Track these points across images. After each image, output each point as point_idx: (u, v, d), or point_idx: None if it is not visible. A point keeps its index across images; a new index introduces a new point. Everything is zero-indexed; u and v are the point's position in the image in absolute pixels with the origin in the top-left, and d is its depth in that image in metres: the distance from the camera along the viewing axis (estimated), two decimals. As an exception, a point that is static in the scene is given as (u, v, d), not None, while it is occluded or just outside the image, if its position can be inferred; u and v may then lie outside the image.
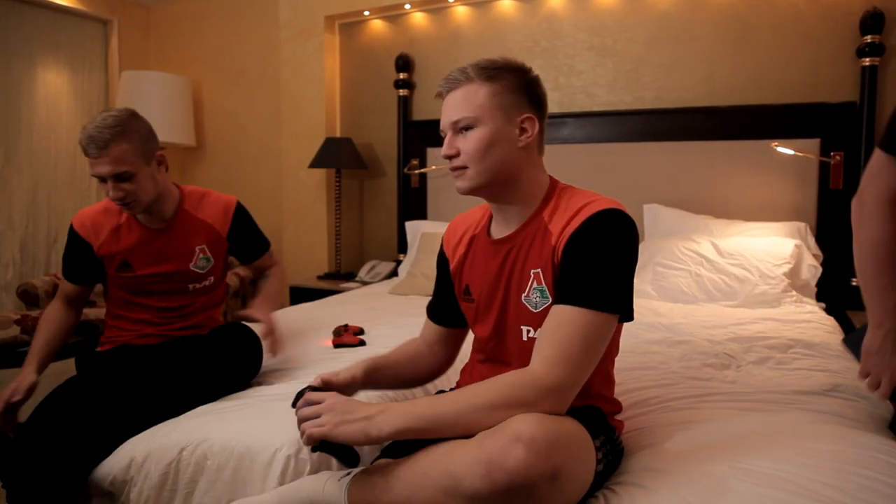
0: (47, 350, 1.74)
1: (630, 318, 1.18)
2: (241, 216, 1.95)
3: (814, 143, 2.86)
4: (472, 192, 1.25)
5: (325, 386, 1.28)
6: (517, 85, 1.23)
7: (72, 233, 1.82)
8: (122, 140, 1.64)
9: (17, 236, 3.98)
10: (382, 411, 1.06)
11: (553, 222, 1.21)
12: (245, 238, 1.98)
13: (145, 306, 1.82)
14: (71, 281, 1.84)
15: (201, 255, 1.84)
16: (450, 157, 1.24)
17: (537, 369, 1.08)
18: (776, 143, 2.86)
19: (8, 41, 3.89)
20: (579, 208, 1.18)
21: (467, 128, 1.22)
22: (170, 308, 1.83)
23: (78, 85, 4.30)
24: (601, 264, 1.12)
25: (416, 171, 3.75)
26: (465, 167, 1.23)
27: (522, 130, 1.23)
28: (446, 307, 1.44)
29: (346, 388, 1.31)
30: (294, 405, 1.20)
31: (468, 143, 1.22)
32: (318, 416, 1.08)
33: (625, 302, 1.15)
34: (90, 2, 4.26)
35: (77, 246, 1.81)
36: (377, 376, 1.38)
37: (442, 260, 1.45)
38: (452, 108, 1.23)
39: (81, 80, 4.32)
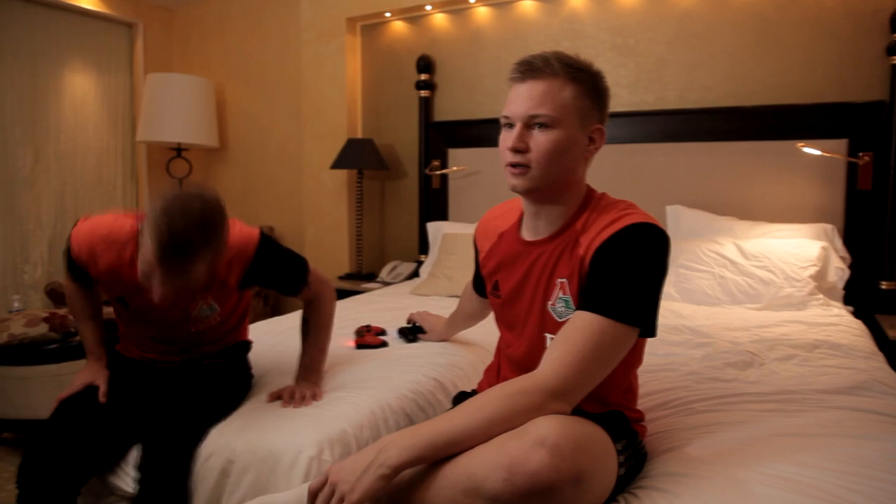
0: (100, 337, 1.66)
1: (652, 333, 1.14)
2: (261, 261, 1.57)
3: (841, 144, 2.81)
4: (527, 192, 1.21)
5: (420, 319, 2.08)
6: (594, 90, 1.18)
7: (70, 250, 1.55)
8: (201, 257, 1.32)
9: (46, 236, 4.06)
10: (383, 448, 1.02)
11: (585, 233, 1.19)
12: (271, 280, 1.64)
13: (149, 337, 1.65)
14: (78, 281, 1.63)
15: (204, 306, 1.58)
16: (518, 151, 1.17)
17: (543, 371, 1.07)
18: (802, 144, 2.81)
19: (37, 45, 3.97)
20: (613, 220, 1.15)
21: (543, 125, 1.15)
22: (174, 339, 1.64)
23: (104, 87, 4.38)
24: (627, 275, 1.10)
25: (438, 172, 3.76)
26: (527, 167, 1.17)
27: (591, 141, 1.20)
28: (482, 283, 1.50)
29: (433, 329, 2.04)
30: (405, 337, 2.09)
31: (541, 143, 1.15)
32: (332, 495, 1.02)
33: (647, 316, 1.12)
34: (116, 6, 4.33)
35: (75, 263, 1.56)
36: (449, 330, 2.01)
37: (475, 248, 1.49)
38: (531, 99, 1.15)
39: (107, 82, 4.40)
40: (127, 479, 1.45)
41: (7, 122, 3.86)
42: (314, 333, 1.70)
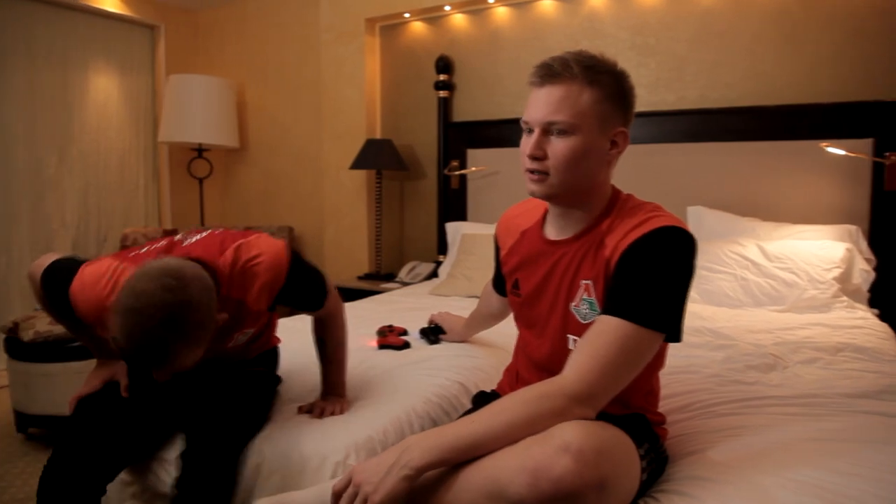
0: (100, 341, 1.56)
1: (678, 339, 1.13)
2: (291, 285, 1.45)
3: (867, 143, 2.77)
4: (547, 198, 1.21)
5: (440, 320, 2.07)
6: (617, 93, 1.16)
7: (72, 307, 1.38)
8: (180, 352, 1.19)
9: (70, 235, 4.13)
10: (406, 449, 1.03)
11: (611, 234, 1.17)
12: (296, 300, 1.54)
13: None
14: (66, 319, 1.48)
15: (239, 336, 1.49)
16: (536, 158, 1.16)
17: (567, 376, 1.06)
18: (826, 144, 2.78)
19: (63, 48, 4.04)
20: (640, 222, 1.14)
21: (561, 132, 1.14)
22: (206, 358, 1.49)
23: (127, 88, 4.44)
24: (654, 280, 1.08)
25: (457, 173, 3.76)
26: (546, 174, 1.16)
27: (613, 144, 1.17)
28: (502, 281, 1.49)
29: (453, 329, 2.04)
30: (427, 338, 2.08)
31: (558, 150, 1.14)
32: (355, 495, 1.03)
33: (673, 321, 1.10)
34: (139, 8, 4.39)
35: (75, 317, 1.40)
36: (468, 330, 2.01)
37: (495, 246, 1.48)
38: (548, 105, 1.13)
39: (130, 83, 4.46)
40: (156, 481, 1.46)
41: (37, 123, 3.93)
42: (334, 354, 1.64)
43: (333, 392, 1.61)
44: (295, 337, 2.13)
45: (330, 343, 1.63)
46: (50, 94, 3.99)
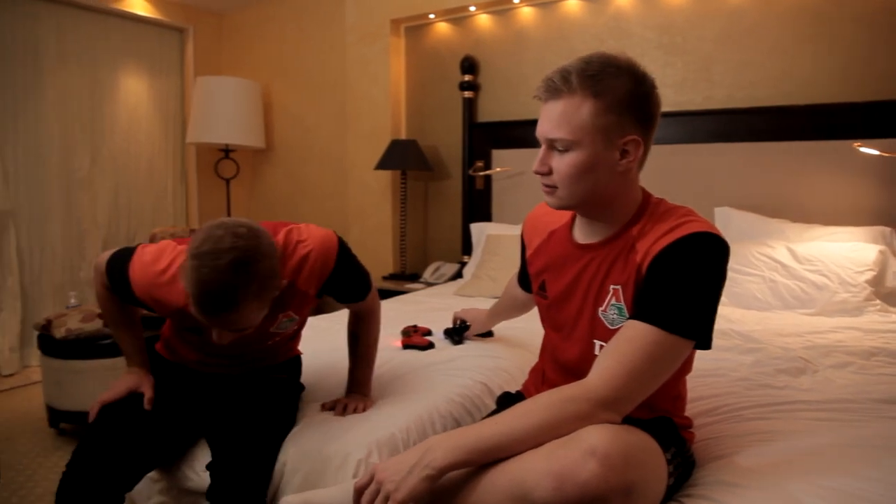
0: (140, 345, 1.58)
1: (708, 346, 1.10)
2: (339, 271, 1.49)
3: (900, 143, 2.71)
4: (561, 209, 1.21)
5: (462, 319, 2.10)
6: (625, 100, 1.10)
7: (128, 283, 1.42)
8: (247, 301, 1.21)
9: (101, 235, 4.21)
10: (429, 449, 1.03)
11: (642, 239, 1.15)
12: (341, 289, 1.56)
13: (212, 352, 1.56)
14: (118, 295, 1.51)
15: (285, 319, 1.50)
16: (541, 174, 1.17)
17: (592, 381, 1.04)
18: (858, 144, 2.72)
19: (94, 51, 4.12)
20: (672, 227, 1.11)
21: (562, 148, 1.13)
22: (242, 355, 1.58)
23: (156, 90, 4.51)
24: (685, 286, 1.07)
25: (481, 173, 3.75)
26: (555, 187, 1.17)
27: (624, 154, 1.14)
28: (528, 279, 1.48)
29: (476, 320, 2.06)
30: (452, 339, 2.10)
31: (562, 165, 1.14)
32: (377, 493, 1.03)
33: (703, 329, 1.08)
34: (168, 11, 4.46)
35: (132, 295, 1.44)
36: (491, 321, 2.02)
37: (522, 243, 1.48)
38: (549, 121, 1.14)
39: (159, 85, 4.53)
40: (183, 478, 1.48)
41: (68, 124, 4.02)
42: (365, 351, 1.65)
43: (359, 390, 1.62)
44: (321, 336, 2.15)
45: (363, 340, 1.65)
46: (81, 96, 4.08)
